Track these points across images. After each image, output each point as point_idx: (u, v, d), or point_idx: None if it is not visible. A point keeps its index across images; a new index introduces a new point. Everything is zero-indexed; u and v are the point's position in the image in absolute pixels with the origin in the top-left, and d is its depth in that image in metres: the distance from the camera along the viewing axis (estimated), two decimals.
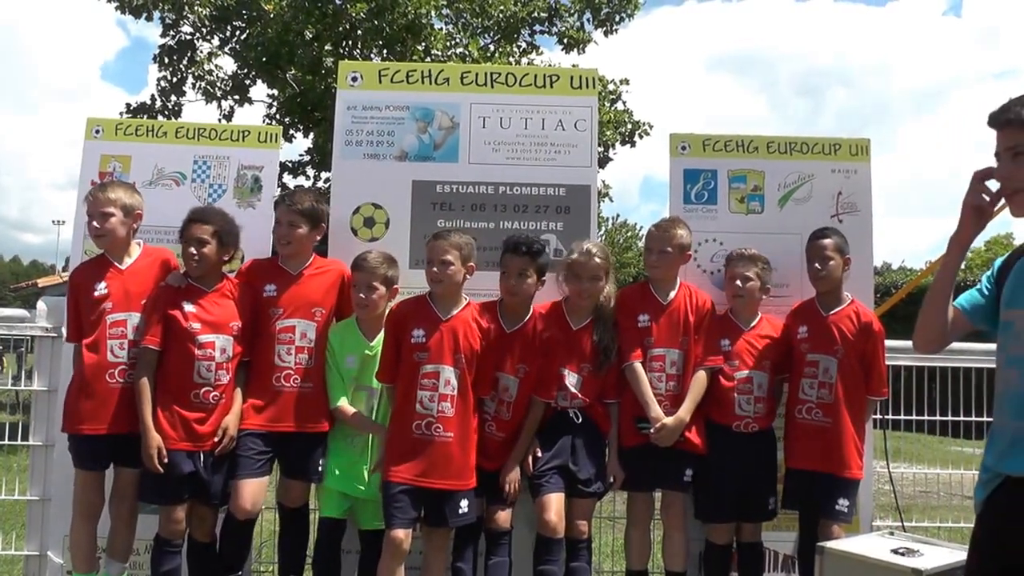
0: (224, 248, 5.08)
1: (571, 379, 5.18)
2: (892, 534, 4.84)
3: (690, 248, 5.45)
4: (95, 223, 4.99)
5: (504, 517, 5.07)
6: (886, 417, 6.18)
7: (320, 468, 5.12)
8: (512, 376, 5.10)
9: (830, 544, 4.62)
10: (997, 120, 3.12)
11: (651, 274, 5.44)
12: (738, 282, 5.37)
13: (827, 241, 5.36)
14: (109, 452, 4.99)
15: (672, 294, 5.35)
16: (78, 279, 5.10)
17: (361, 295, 5.05)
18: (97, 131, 5.85)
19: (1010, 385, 3.15)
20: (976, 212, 3.21)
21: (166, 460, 4.84)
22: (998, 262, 3.43)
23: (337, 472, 5.10)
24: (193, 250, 4.97)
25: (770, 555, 5.66)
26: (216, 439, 4.94)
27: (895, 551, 4.36)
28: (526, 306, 5.16)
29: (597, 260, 5.17)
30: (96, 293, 4.97)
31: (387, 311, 5.11)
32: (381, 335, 5.08)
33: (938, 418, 6.78)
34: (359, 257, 5.14)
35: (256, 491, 5.01)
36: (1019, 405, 3.09)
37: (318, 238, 5.38)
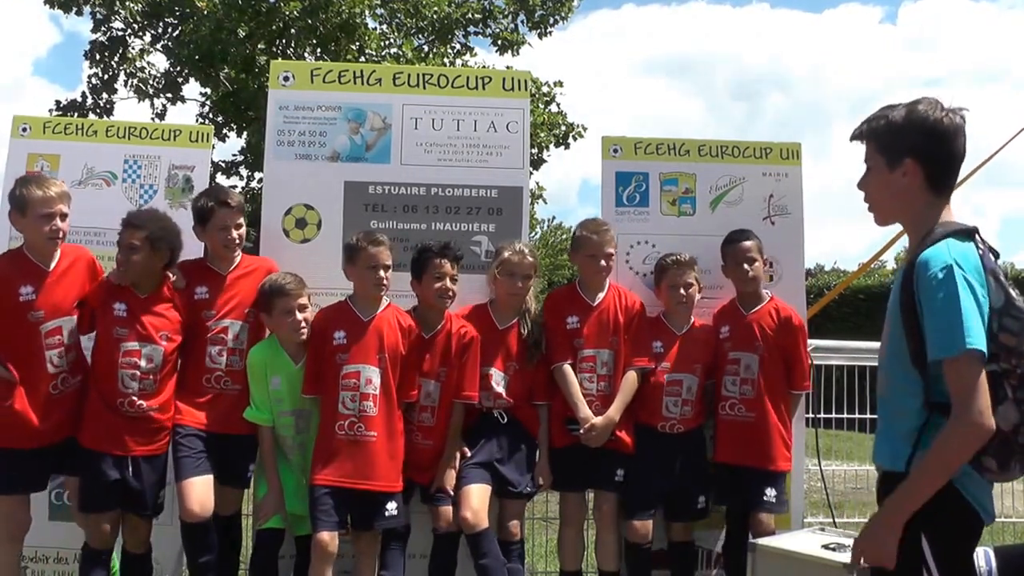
0: (158, 254, 4.81)
1: (497, 377, 5.18)
2: (823, 530, 4.90)
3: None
4: (58, 223, 4.63)
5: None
6: (818, 415, 6.26)
7: (250, 473, 5.07)
8: (434, 381, 5.09)
9: (762, 541, 4.67)
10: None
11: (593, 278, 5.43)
12: (682, 290, 5.38)
13: (749, 243, 5.43)
14: (49, 466, 4.79)
15: (601, 295, 5.37)
16: None
17: (298, 317, 4.90)
18: (24, 129, 5.71)
19: None
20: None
21: None
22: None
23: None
24: (121, 256, 4.77)
25: (700, 552, 5.69)
26: None
27: (826, 547, 4.42)
28: (444, 310, 5.16)
29: (529, 259, 5.21)
30: (22, 298, 4.61)
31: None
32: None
33: (869, 416, 6.87)
34: (276, 284, 4.93)
35: (203, 490, 4.80)
36: None
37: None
